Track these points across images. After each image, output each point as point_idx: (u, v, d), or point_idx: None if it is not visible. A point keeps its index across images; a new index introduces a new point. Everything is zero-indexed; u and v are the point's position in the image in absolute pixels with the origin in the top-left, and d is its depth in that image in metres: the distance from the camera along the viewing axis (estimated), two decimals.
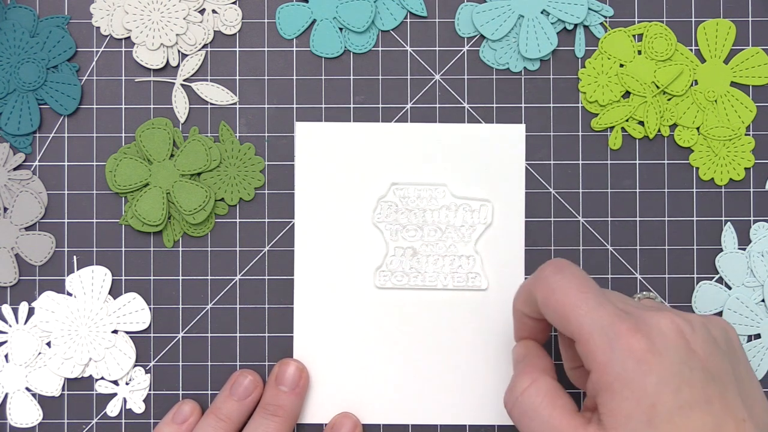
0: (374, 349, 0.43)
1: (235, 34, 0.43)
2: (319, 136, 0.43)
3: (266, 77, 0.43)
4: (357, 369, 0.43)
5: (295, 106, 0.43)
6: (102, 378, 0.43)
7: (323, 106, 0.43)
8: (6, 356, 0.43)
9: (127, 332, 0.43)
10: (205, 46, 0.43)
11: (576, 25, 0.43)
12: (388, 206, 0.43)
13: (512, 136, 0.43)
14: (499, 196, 0.43)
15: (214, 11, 0.43)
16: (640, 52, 0.43)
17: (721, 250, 0.43)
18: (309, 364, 0.43)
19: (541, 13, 0.43)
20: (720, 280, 0.43)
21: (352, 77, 0.43)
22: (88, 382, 0.43)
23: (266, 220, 0.43)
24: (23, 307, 0.43)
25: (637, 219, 0.43)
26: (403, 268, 0.43)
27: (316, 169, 0.43)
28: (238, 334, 0.43)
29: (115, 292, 0.43)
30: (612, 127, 0.43)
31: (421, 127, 0.43)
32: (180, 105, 0.43)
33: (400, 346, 0.43)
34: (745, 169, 0.43)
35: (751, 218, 0.43)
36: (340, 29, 0.43)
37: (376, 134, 0.43)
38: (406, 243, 0.43)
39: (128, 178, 0.42)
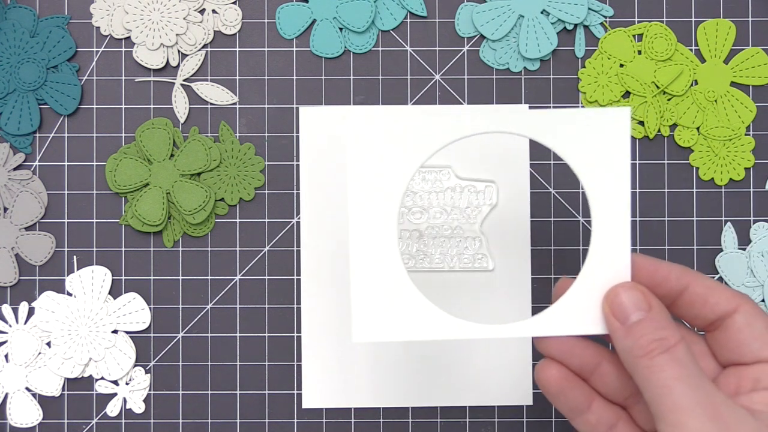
0: None
1: (235, 34, 0.43)
2: (322, 119, 0.43)
3: (266, 77, 0.43)
4: (363, 353, 0.43)
5: (295, 106, 0.43)
6: (102, 378, 0.43)
7: (323, 106, 0.43)
8: (6, 356, 0.43)
9: (127, 332, 0.43)
10: (205, 46, 0.43)
11: (576, 25, 0.43)
12: None
13: None
14: (504, 176, 0.43)
15: (214, 11, 0.43)
16: (640, 52, 0.43)
17: (721, 250, 0.43)
18: (315, 346, 0.43)
19: (541, 13, 0.43)
20: (720, 280, 0.43)
21: (352, 77, 0.43)
22: (88, 382, 0.43)
23: (266, 220, 0.43)
24: (23, 307, 0.43)
25: (637, 219, 0.43)
26: (409, 251, 0.43)
27: (319, 153, 0.43)
28: (238, 334, 0.43)
29: (115, 292, 0.43)
30: None
31: (423, 109, 0.43)
32: (180, 105, 0.43)
33: None
34: (745, 169, 0.43)
35: (751, 218, 0.43)
36: (340, 29, 0.43)
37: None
38: (411, 226, 0.43)
39: (128, 178, 0.42)
